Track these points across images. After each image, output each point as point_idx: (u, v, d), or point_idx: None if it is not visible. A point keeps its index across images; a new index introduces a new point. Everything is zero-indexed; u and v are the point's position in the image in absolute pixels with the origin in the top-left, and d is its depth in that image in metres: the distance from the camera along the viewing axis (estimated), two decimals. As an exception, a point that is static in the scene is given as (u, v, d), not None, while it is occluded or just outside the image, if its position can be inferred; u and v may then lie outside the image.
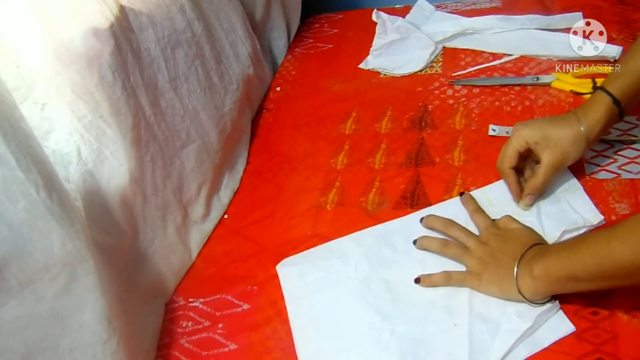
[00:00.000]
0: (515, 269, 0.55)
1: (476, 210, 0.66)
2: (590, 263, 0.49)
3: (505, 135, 0.77)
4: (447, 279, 0.61)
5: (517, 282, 0.55)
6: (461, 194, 0.70)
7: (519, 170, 0.67)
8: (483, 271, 0.59)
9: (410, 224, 0.69)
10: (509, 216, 0.63)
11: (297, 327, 0.62)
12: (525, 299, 0.55)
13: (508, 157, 0.66)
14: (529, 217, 0.66)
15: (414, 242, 0.66)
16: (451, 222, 0.65)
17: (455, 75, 0.91)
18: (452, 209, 0.69)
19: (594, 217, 0.63)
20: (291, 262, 0.69)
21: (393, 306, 0.61)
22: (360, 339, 0.59)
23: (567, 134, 0.62)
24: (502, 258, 0.58)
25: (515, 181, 0.66)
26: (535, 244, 0.57)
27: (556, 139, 0.62)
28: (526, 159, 0.67)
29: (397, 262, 0.65)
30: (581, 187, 0.67)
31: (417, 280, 0.62)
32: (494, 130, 0.78)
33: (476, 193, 0.71)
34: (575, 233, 0.62)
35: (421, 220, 0.68)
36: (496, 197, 0.69)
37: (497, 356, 0.53)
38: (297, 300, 0.65)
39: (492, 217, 0.66)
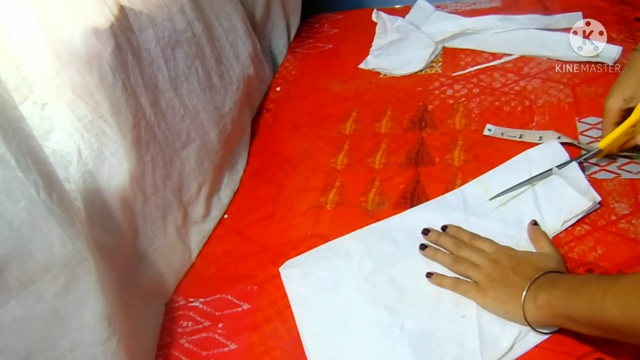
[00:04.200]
0: (525, 292, 0.54)
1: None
2: (586, 310, 0.47)
3: (500, 136, 0.77)
4: (455, 286, 0.60)
5: (523, 305, 0.53)
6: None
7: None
8: (490, 288, 0.57)
9: (409, 220, 0.69)
10: (544, 234, 0.62)
11: (305, 328, 0.62)
12: (529, 324, 0.54)
13: (606, 131, 0.67)
14: (526, 205, 0.66)
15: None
16: (462, 243, 0.63)
17: (455, 76, 0.91)
18: (450, 201, 0.70)
19: (591, 198, 0.64)
20: (293, 264, 0.69)
21: (400, 301, 0.61)
22: (370, 335, 0.59)
23: None
24: (513, 278, 0.56)
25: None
26: (551, 271, 0.55)
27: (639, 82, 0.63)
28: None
29: (400, 257, 0.65)
30: (576, 165, 0.67)
31: (429, 275, 0.62)
32: (489, 130, 0.78)
33: (473, 183, 0.71)
34: (575, 220, 0.63)
35: (425, 231, 0.66)
36: (493, 185, 0.70)
37: (507, 344, 0.54)
38: (303, 301, 0.64)
39: (489, 203, 0.67)
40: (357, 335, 0.60)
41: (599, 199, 0.64)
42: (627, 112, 0.65)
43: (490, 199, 0.68)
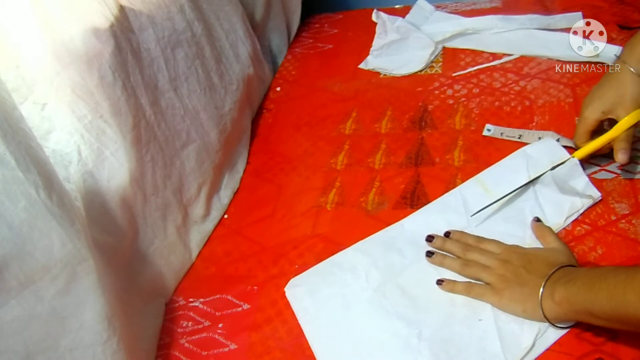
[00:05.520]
0: (542, 289, 0.53)
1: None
2: (606, 305, 0.48)
3: (499, 136, 0.77)
4: (468, 290, 0.60)
5: (541, 302, 0.53)
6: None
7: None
8: (505, 288, 0.57)
9: (411, 226, 0.69)
10: (549, 230, 0.62)
11: (319, 347, 0.60)
12: (548, 321, 0.54)
13: (579, 137, 0.68)
14: (527, 203, 0.66)
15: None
16: (469, 247, 0.63)
17: (455, 76, 0.91)
18: (450, 204, 0.70)
19: (591, 194, 0.65)
20: (298, 282, 0.67)
21: (414, 310, 0.60)
22: (389, 347, 0.58)
23: (627, 86, 0.63)
24: (527, 276, 0.56)
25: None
26: (564, 266, 0.55)
27: (620, 96, 0.64)
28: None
29: (407, 266, 0.64)
30: (577, 162, 0.67)
31: (440, 282, 0.61)
32: (488, 130, 0.78)
33: (471, 182, 0.71)
34: (576, 215, 0.64)
35: (429, 238, 0.66)
36: (491, 182, 0.70)
37: (529, 343, 0.54)
38: (313, 320, 0.62)
39: (489, 201, 0.67)
40: (375, 348, 0.58)
41: (598, 194, 0.65)
42: (602, 121, 0.66)
43: (471, 216, 0.67)
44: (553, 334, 0.54)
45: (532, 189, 0.68)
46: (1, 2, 0.56)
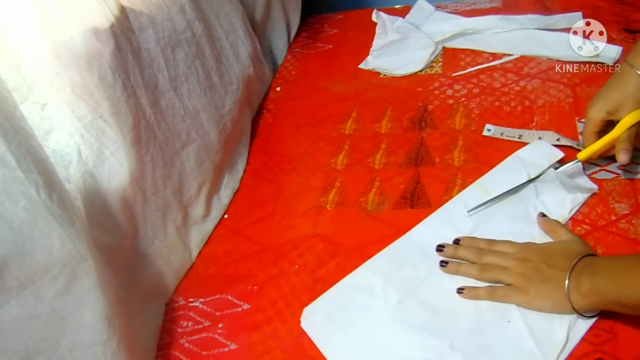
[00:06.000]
0: (567, 282, 0.53)
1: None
2: (635, 294, 0.48)
3: (499, 136, 0.77)
4: (491, 294, 0.59)
5: (568, 295, 0.53)
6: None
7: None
8: (529, 286, 0.56)
9: (418, 239, 0.67)
10: (558, 223, 0.62)
11: None
12: (577, 312, 0.54)
13: (586, 139, 0.67)
14: (530, 201, 0.67)
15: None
16: (482, 251, 0.62)
17: (455, 76, 0.91)
18: (454, 211, 0.69)
19: (589, 187, 0.66)
20: (313, 311, 0.64)
21: (440, 322, 0.58)
22: None
23: (631, 87, 0.63)
24: (549, 271, 0.56)
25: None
26: (584, 256, 0.55)
27: (624, 97, 0.64)
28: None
29: (423, 280, 0.63)
30: (580, 164, 0.67)
31: (460, 291, 0.60)
32: (489, 130, 0.78)
33: (472, 187, 0.71)
34: (578, 207, 0.65)
35: (440, 248, 0.64)
36: (492, 185, 0.70)
37: (563, 336, 0.53)
38: (337, 349, 0.59)
39: (489, 199, 0.67)
40: None
41: (595, 186, 0.66)
42: (608, 122, 0.66)
43: (467, 211, 0.67)
44: (583, 325, 0.54)
45: (533, 188, 0.68)
46: (1, 2, 0.56)
